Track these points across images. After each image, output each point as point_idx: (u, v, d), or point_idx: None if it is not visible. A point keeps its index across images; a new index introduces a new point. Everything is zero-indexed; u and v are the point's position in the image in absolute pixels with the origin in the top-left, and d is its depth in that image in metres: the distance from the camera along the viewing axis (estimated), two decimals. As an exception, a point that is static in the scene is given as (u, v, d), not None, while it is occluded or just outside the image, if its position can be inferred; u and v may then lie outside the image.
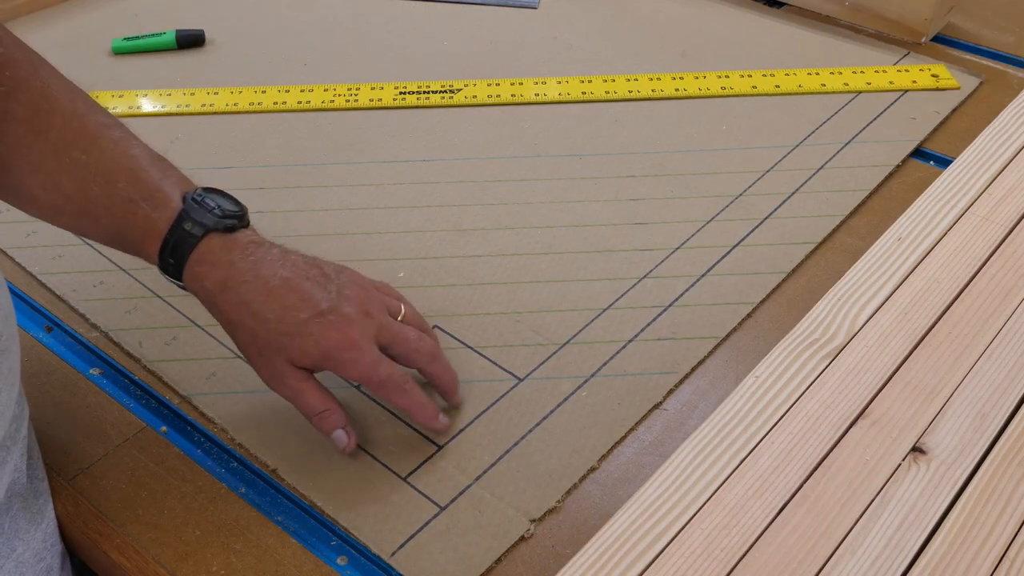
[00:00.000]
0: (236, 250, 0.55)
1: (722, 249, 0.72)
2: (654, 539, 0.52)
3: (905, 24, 0.94)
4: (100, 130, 0.56)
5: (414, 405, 0.57)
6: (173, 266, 0.55)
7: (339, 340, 0.54)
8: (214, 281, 0.55)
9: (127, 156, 0.56)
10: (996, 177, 0.76)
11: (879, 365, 0.61)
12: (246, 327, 0.55)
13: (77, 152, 0.54)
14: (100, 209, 0.55)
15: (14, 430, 0.54)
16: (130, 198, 0.55)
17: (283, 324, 0.54)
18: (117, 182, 0.55)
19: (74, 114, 0.55)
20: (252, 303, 0.54)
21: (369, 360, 0.55)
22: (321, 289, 0.55)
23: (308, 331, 0.54)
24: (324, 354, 0.54)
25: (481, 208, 0.76)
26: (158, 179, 0.56)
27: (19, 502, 0.54)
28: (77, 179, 0.54)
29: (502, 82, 0.90)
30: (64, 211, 0.56)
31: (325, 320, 0.54)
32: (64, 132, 0.55)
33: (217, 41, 0.97)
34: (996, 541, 0.52)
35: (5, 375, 0.51)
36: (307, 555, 0.54)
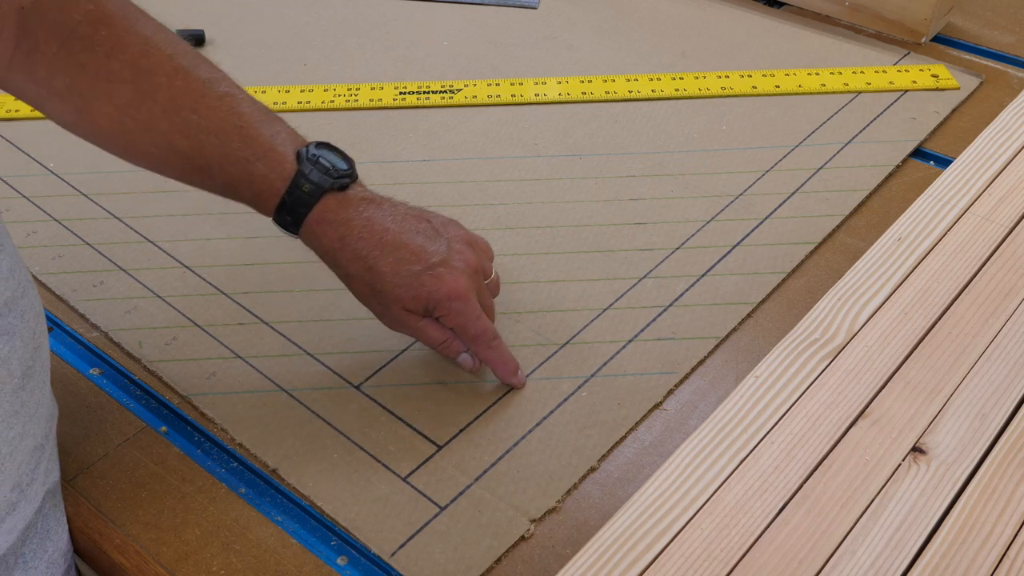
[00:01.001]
0: (351, 207, 0.58)
1: (722, 249, 0.72)
2: (654, 539, 0.52)
3: (905, 24, 0.94)
4: (206, 87, 0.58)
5: (497, 360, 0.61)
6: (290, 223, 0.58)
7: (448, 292, 0.58)
8: (332, 238, 0.58)
9: (236, 113, 0.57)
10: (996, 177, 0.76)
11: (879, 365, 0.61)
12: (363, 279, 0.59)
13: (187, 112, 0.56)
14: (215, 167, 0.57)
15: (49, 428, 0.54)
16: (245, 157, 0.57)
17: (398, 276, 0.58)
18: (231, 141, 0.57)
19: (177, 71, 0.57)
20: (368, 257, 0.58)
21: (472, 312, 0.59)
22: (432, 242, 0.60)
23: (421, 283, 0.58)
24: (435, 303, 0.59)
25: (481, 208, 0.76)
26: (270, 137, 0.58)
27: (51, 500, 0.55)
28: (190, 138, 0.56)
29: (502, 82, 0.90)
30: (176, 165, 0.58)
31: (436, 273, 0.58)
32: (170, 91, 0.56)
33: (217, 41, 0.97)
34: (996, 541, 0.52)
35: (39, 372, 0.51)
36: (307, 555, 0.54)
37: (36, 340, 0.51)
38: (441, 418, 0.61)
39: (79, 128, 0.57)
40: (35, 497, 0.52)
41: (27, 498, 0.51)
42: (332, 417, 0.61)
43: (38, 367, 0.51)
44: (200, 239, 0.73)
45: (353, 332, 0.66)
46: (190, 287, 0.70)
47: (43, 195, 0.77)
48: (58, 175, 0.79)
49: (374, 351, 0.65)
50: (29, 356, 0.50)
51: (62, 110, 0.56)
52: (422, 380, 0.63)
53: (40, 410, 0.52)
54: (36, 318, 0.51)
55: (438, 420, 0.61)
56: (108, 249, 0.73)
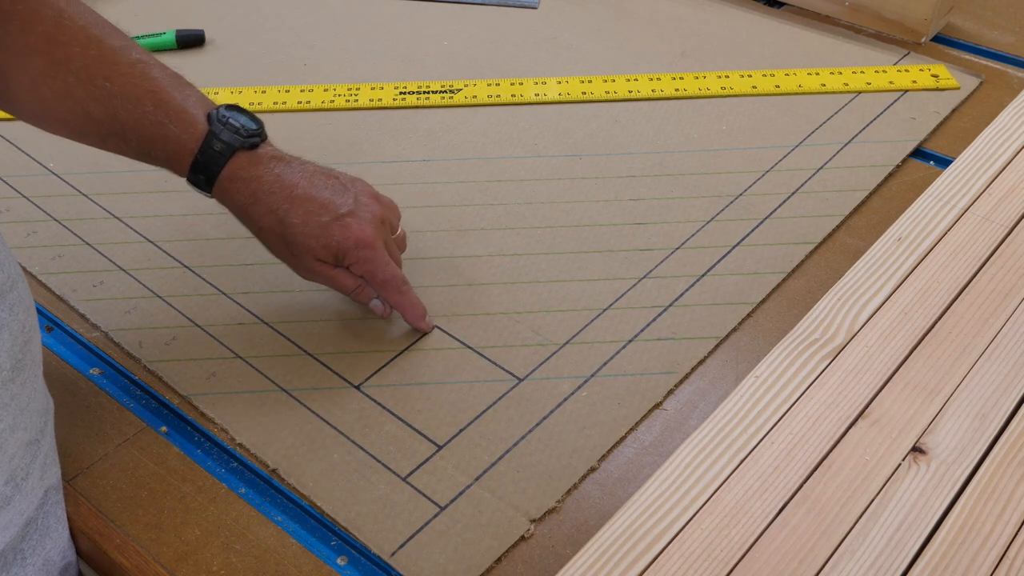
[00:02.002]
0: (261, 165, 0.61)
1: (722, 249, 0.72)
2: (654, 539, 0.52)
3: (905, 24, 0.94)
4: (118, 55, 0.60)
5: (406, 304, 0.65)
6: (203, 181, 0.61)
7: (356, 239, 0.61)
8: (244, 194, 0.61)
9: (148, 78, 0.60)
10: (996, 177, 0.76)
11: (879, 365, 0.61)
12: (275, 232, 0.61)
13: (100, 79, 0.59)
14: (129, 131, 0.60)
15: (44, 423, 0.54)
16: (158, 120, 0.60)
17: (308, 227, 0.61)
18: (143, 105, 0.60)
19: (91, 41, 0.60)
20: (279, 210, 0.61)
21: (380, 259, 0.62)
22: (339, 196, 0.62)
23: (330, 232, 0.61)
24: (343, 251, 0.61)
25: (481, 208, 0.76)
26: (181, 100, 0.61)
27: (52, 498, 0.55)
28: (104, 105, 0.59)
29: (502, 82, 0.90)
30: (92, 132, 0.61)
31: (344, 222, 0.61)
32: (84, 60, 0.59)
33: (217, 41, 0.97)
34: (996, 541, 0.52)
35: (30, 365, 0.51)
36: (307, 555, 0.54)
37: (26, 333, 0.51)
38: (441, 418, 0.61)
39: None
40: (32, 492, 0.52)
41: (22, 493, 0.51)
42: (332, 417, 0.61)
43: (28, 360, 0.51)
44: (200, 239, 0.73)
45: (353, 332, 0.66)
46: (190, 287, 0.70)
47: (43, 195, 0.77)
48: (58, 175, 0.79)
49: (374, 351, 0.65)
50: (19, 349, 0.50)
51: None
52: (422, 380, 0.63)
53: (32, 404, 0.52)
54: (26, 311, 0.51)
55: (438, 420, 0.61)
56: (108, 249, 0.73)
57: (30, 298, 0.53)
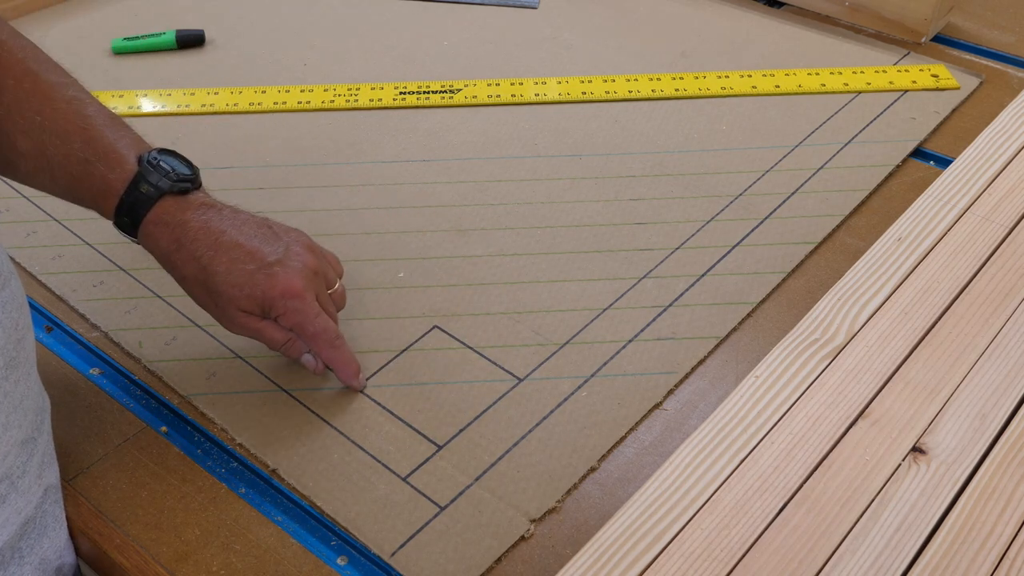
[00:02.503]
0: (189, 211, 0.59)
1: (722, 249, 0.72)
2: (654, 539, 0.52)
3: (905, 24, 0.94)
4: (53, 90, 0.58)
5: (339, 360, 0.61)
6: (128, 224, 0.59)
7: (283, 289, 0.58)
8: (168, 240, 0.58)
9: (81, 116, 0.58)
10: (996, 177, 0.76)
11: (879, 365, 0.61)
12: (198, 280, 0.58)
13: (31, 113, 0.57)
14: (56, 167, 0.58)
15: (40, 422, 0.54)
16: (86, 158, 0.58)
17: (231, 275, 0.58)
18: (72, 142, 0.57)
19: (26, 73, 0.58)
20: (203, 258, 0.58)
21: (310, 311, 0.59)
22: (268, 245, 0.59)
23: (255, 281, 0.58)
24: (269, 302, 0.58)
25: (481, 208, 0.76)
26: (112, 140, 0.58)
27: (50, 498, 0.55)
28: (33, 138, 0.57)
29: (502, 82, 0.90)
30: (20, 167, 0.59)
31: (270, 271, 0.58)
32: (17, 93, 0.57)
33: (217, 41, 0.97)
34: (996, 541, 0.52)
35: (23, 363, 0.51)
36: (307, 555, 0.54)
37: (19, 331, 0.51)
38: (441, 418, 0.61)
39: None
40: (28, 491, 0.52)
41: (18, 491, 0.51)
42: (332, 417, 0.61)
43: (22, 358, 0.51)
44: (200, 239, 0.73)
45: (353, 332, 0.66)
46: (190, 287, 0.70)
47: (43, 195, 0.77)
48: (58, 175, 0.79)
49: (374, 351, 0.65)
50: (12, 347, 0.50)
51: None
52: (422, 380, 0.63)
53: (26, 402, 0.52)
54: (19, 309, 0.51)
55: (438, 420, 0.61)
56: (108, 249, 0.73)
57: (23, 296, 0.53)
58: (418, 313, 0.67)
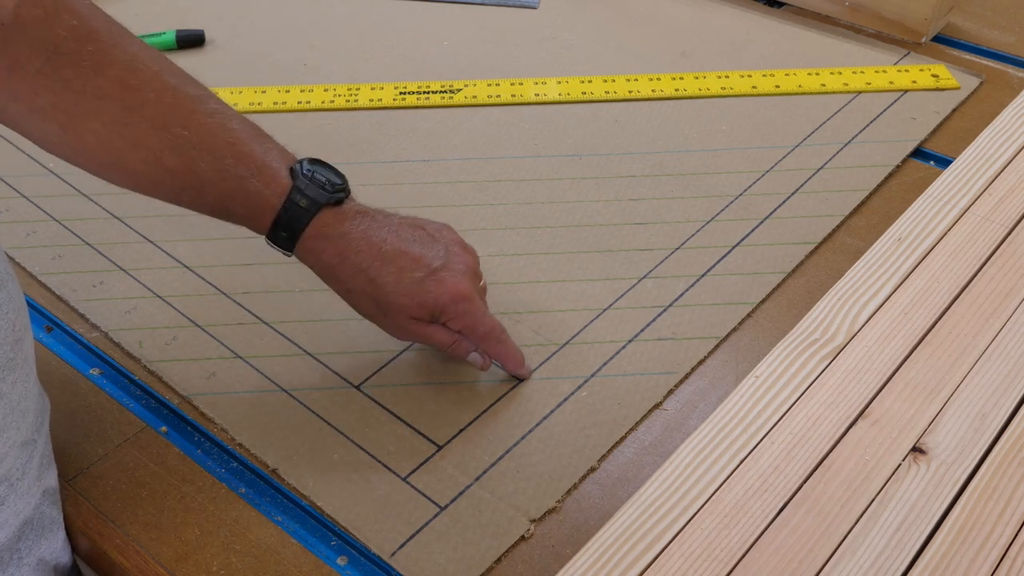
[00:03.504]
0: (347, 221, 0.58)
1: (722, 249, 0.72)
2: (654, 539, 0.52)
3: (905, 24, 0.94)
4: (195, 103, 0.56)
5: (507, 354, 0.62)
6: (285, 239, 0.58)
7: (453, 295, 0.59)
8: (330, 254, 0.58)
9: (227, 130, 0.56)
10: (996, 177, 0.76)
11: (879, 365, 0.61)
12: (366, 293, 0.59)
13: (177, 128, 0.55)
14: (207, 184, 0.56)
15: (39, 424, 0.54)
16: (239, 174, 0.56)
17: (400, 285, 0.58)
18: (224, 158, 0.56)
19: (165, 87, 0.55)
20: (369, 270, 0.58)
21: (479, 312, 0.60)
22: (430, 249, 0.60)
23: (425, 289, 0.58)
24: (441, 308, 0.59)
25: (481, 208, 0.76)
26: (262, 153, 0.57)
27: (49, 499, 0.55)
28: (181, 155, 0.55)
29: (502, 82, 0.90)
30: (165, 184, 0.56)
31: (439, 277, 0.59)
32: (159, 107, 0.55)
33: (217, 41, 0.97)
34: (996, 541, 0.52)
35: (21, 365, 0.51)
36: (307, 555, 0.54)
37: (16, 333, 0.51)
38: (441, 418, 0.61)
39: (64, 147, 0.55)
40: (28, 493, 0.52)
41: (17, 493, 0.51)
42: (332, 417, 0.61)
43: (20, 360, 0.51)
44: (200, 239, 0.73)
45: (353, 332, 0.66)
46: (190, 287, 0.70)
47: (43, 195, 0.77)
48: (58, 175, 0.79)
49: (374, 351, 0.65)
50: (9, 349, 0.50)
51: (45, 128, 0.54)
52: (422, 380, 0.63)
53: (25, 404, 0.52)
54: (16, 311, 0.51)
55: (438, 420, 0.61)
56: (108, 249, 0.73)
57: (21, 297, 0.53)
58: (418, 313, 0.67)
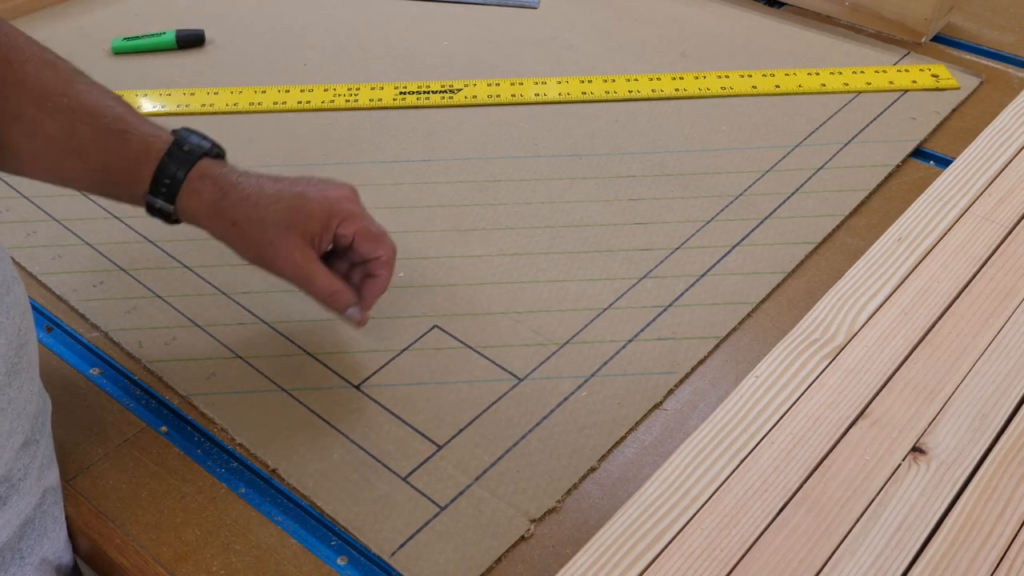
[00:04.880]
0: (227, 166, 0.60)
1: (722, 249, 0.72)
2: (654, 539, 0.52)
3: (905, 24, 0.94)
4: (74, 76, 0.59)
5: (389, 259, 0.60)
6: (167, 187, 0.58)
7: (339, 195, 0.59)
8: (213, 191, 0.58)
9: (107, 95, 0.59)
10: (996, 177, 0.76)
11: (879, 365, 0.61)
12: (251, 219, 0.58)
13: (57, 96, 0.57)
14: (87, 144, 0.57)
15: (40, 424, 0.54)
16: (120, 129, 0.58)
17: (284, 202, 0.58)
18: (103, 117, 0.58)
19: (45, 63, 0.58)
20: (251, 197, 0.58)
21: (367, 214, 0.59)
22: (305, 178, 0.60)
23: (309, 195, 0.58)
24: (328, 210, 0.58)
25: (481, 208, 0.76)
26: (141, 120, 0.59)
27: (50, 498, 0.55)
28: (60, 121, 0.57)
29: (502, 82, 0.90)
30: (46, 155, 0.58)
31: (320, 187, 0.59)
32: (40, 79, 0.57)
33: (217, 41, 0.97)
34: (996, 541, 0.52)
35: (26, 368, 0.51)
36: (307, 555, 0.54)
37: (22, 337, 0.51)
38: (441, 418, 0.61)
39: None
40: (29, 493, 0.52)
41: (19, 493, 0.51)
42: (332, 417, 0.61)
43: (24, 363, 0.51)
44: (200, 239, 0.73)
45: (353, 332, 0.66)
46: (190, 287, 0.70)
47: (43, 195, 0.77)
48: (58, 175, 0.79)
49: (374, 351, 0.65)
50: (14, 353, 0.50)
51: None
52: (422, 380, 0.63)
53: (29, 406, 0.52)
54: (22, 315, 0.51)
55: (438, 420, 0.61)
56: (108, 249, 0.73)
57: (26, 301, 0.53)
58: (418, 313, 0.68)
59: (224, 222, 0.59)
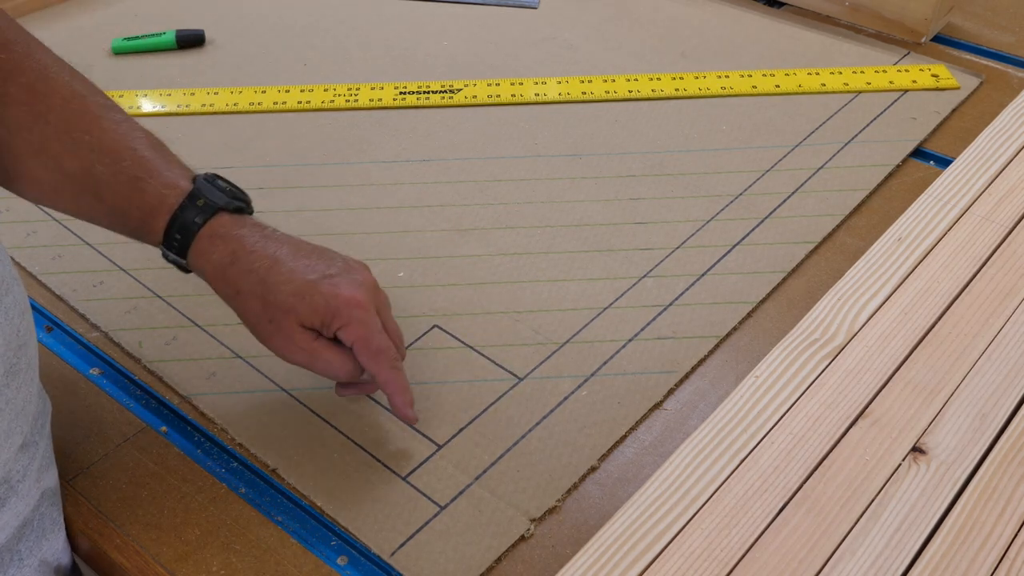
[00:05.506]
0: (245, 227, 0.56)
1: (722, 249, 0.72)
2: (654, 539, 0.52)
3: (905, 24, 0.94)
4: (101, 111, 0.57)
5: (398, 384, 0.56)
6: (179, 242, 0.56)
7: (348, 298, 0.54)
8: (223, 253, 0.55)
9: (130, 137, 0.57)
10: (996, 177, 0.76)
11: (879, 365, 0.61)
12: (255, 294, 0.55)
13: (79, 133, 0.55)
14: (104, 187, 0.56)
15: (40, 425, 0.54)
16: (137, 175, 0.56)
17: (292, 285, 0.54)
18: (122, 160, 0.55)
19: (73, 95, 0.56)
20: (260, 270, 0.55)
21: (373, 324, 0.55)
22: (327, 260, 0.56)
23: (318, 289, 0.54)
24: (333, 310, 0.54)
25: (481, 208, 0.76)
26: (163, 161, 0.57)
27: (49, 500, 0.55)
28: (80, 158, 0.55)
29: (502, 82, 0.90)
30: (65, 191, 0.57)
31: (334, 280, 0.55)
32: (64, 113, 0.55)
33: (217, 41, 0.97)
34: (996, 541, 0.52)
35: (25, 370, 0.51)
36: (307, 555, 0.54)
37: (21, 338, 0.51)
38: (441, 418, 0.61)
39: None
40: (28, 494, 0.52)
41: (18, 494, 0.51)
42: (332, 417, 0.61)
43: (23, 364, 0.51)
44: (200, 239, 0.73)
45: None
46: (190, 287, 0.69)
47: (43, 195, 0.77)
48: (58, 175, 0.79)
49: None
50: (13, 354, 0.50)
51: None
52: (422, 380, 0.63)
53: (27, 408, 0.52)
54: (21, 316, 0.51)
55: (438, 420, 0.61)
56: (108, 249, 0.73)
57: (26, 302, 0.53)
58: (418, 313, 0.68)
59: (230, 289, 0.56)
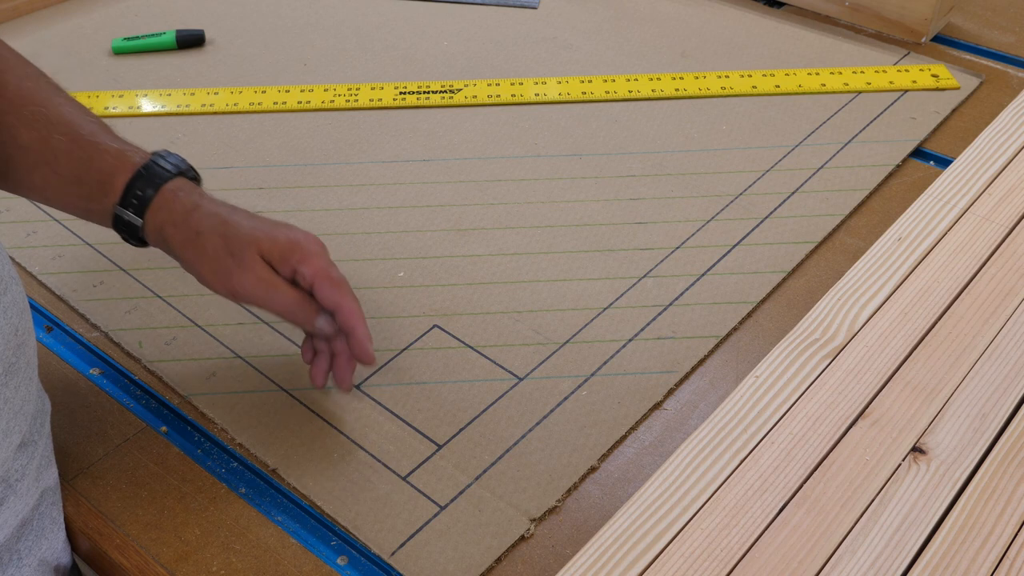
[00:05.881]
0: (203, 192, 0.59)
1: (722, 249, 0.72)
2: (654, 539, 0.52)
3: (905, 24, 0.94)
4: (56, 91, 0.59)
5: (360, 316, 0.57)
6: (138, 199, 0.57)
7: (305, 237, 0.57)
8: (186, 203, 0.57)
9: (85, 111, 0.59)
10: (996, 177, 0.76)
11: (879, 365, 0.61)
12: (217, 232, 0.56)
13: (35, 105, 0.57)
14: (61, 154, 0.57)
15: (39, 425, 0.54)
16: (96, 141, 0.57)
17: (253, 221, 0.57)
18: (81, 130, 0.57)
19: (27, 74, 0.58)
20: (222, 214, 0.57)
21: (329, 259, 0.58)
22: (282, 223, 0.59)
23: (278, 227, 0.57)
24: (294, 242, 0.56)
25: (481, 208, 0.76)
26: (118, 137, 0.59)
27: (48, 499, 0.55)
28: (37, 129, 0.57)
29: (502, 82, 0.90)
30: (18, 164, 0.58)
31: (288, 226, 0.58)
32: (20, 89, 0.57)
33: (217, 41, 0.97)
34: (996, 541, 0.52)
35: (23, 369, 0.51)
36: (307, 555, 0.54)
37: (20, 337, 0.51)
38: (441, 418, 0.61)
39: None
40: (27, 494, 0.52)
41: (17, 494, 0.51)
42: (332, 417, 0.61)
43: (22, 363, 0.51)
44: (200, 239, 0.73)
45: (353, 332, 0.66)
46: (190, 287, 0.69)
47: (43, 195, 0.77)
48: (58, 175, 0.79)
49: (374, 351, 0.65)
50: (11, 353, 0.50)
51: None
52: (422, 379, 0.63)
53: (26, 407, 0.52)
54: (20, 315, 0.51)
55: (438, 420, 0.61)
56: (108, 249, 0.73)
57: (24, 301, 0.53)
58: (418, 312, 0.68)
59: (189, 231, 0.57)
